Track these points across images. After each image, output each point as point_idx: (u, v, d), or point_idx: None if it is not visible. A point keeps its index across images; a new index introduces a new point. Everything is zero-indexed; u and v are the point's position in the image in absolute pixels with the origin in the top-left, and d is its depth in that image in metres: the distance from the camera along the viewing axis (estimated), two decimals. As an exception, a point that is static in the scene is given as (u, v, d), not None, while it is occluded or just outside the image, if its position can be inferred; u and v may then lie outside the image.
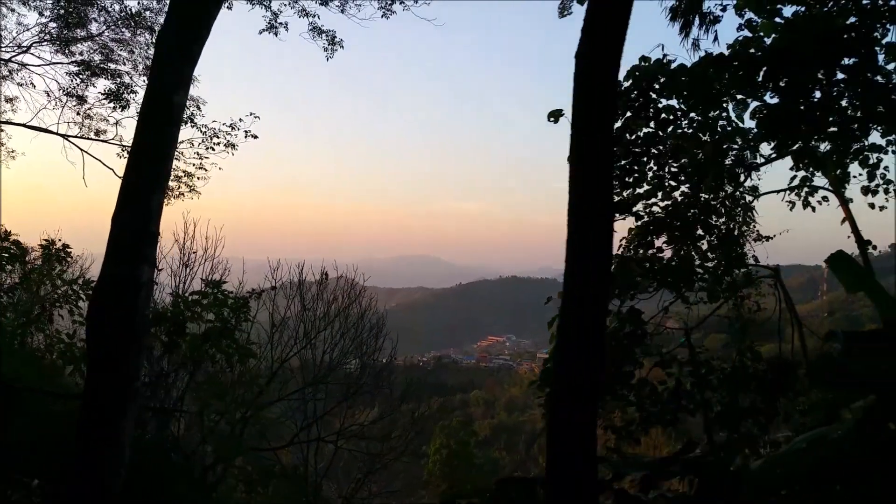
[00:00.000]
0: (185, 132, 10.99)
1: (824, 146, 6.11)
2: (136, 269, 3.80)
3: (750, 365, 8.29)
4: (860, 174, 7.39)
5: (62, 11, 10.38)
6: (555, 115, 6.27)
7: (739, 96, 5.51)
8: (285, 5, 9.38)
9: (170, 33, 4.26)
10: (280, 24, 9.42)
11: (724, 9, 8.12)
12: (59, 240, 7.55)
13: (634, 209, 7.28)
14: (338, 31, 9.82)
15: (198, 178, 10.96)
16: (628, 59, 7.55)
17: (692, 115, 7.93)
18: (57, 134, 10.92)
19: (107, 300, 3.83)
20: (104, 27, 10.27)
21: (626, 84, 7.59)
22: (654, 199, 8.39)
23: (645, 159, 8.39)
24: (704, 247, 8.86)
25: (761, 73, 4.95)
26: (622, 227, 9.04)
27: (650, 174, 8.40)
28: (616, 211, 7.37)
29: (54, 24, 10.60)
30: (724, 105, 6.17)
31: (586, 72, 2.90)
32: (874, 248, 6.76)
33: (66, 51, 10.55)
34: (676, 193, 8.59)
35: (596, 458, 2.83)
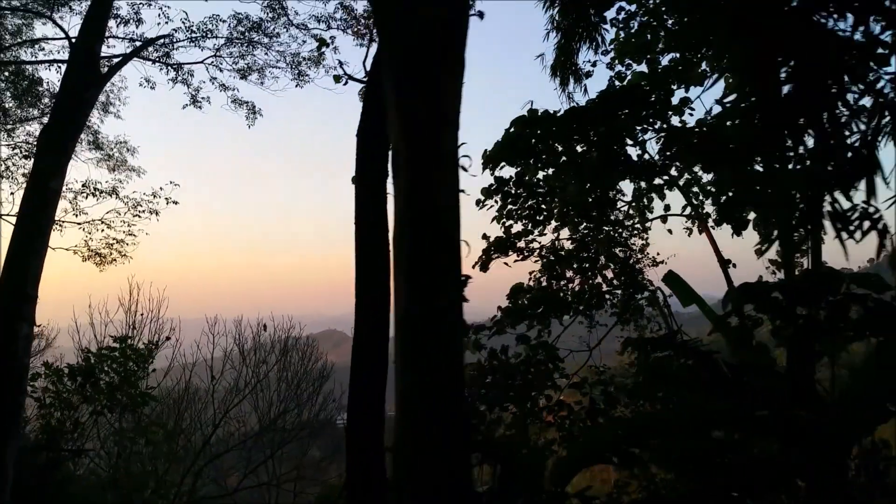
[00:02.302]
0: (111, 203, 12.10)
1: (635, 185, 6.93)
2: (15, 326, 4.47)
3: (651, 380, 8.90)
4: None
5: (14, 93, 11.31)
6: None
7: (559, 147, 6.29)
8: (204, 82, 10.31)
9: (51, 131, 5.04)
10: (202, 98, 10.33)
11: (594, 65, 9.10)
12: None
13: (518, 245, 8.01)
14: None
15: (127, 244, 12.03)
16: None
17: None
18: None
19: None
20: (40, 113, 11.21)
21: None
22: (563, 234, 9.18)
23: (549, 199, 9.18)
24: (610, 275, 9.62)
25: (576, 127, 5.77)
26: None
27: (556, 212, 9.19)
28: (500, 250, 8.10)
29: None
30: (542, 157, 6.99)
31: (364, 146, 3.66)
32: (734, 266, 7.48)
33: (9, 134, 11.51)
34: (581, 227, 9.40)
35: (383, 453, 3.43)
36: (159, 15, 9.96)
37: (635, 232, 9.84)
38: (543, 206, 9.06)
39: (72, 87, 4.91)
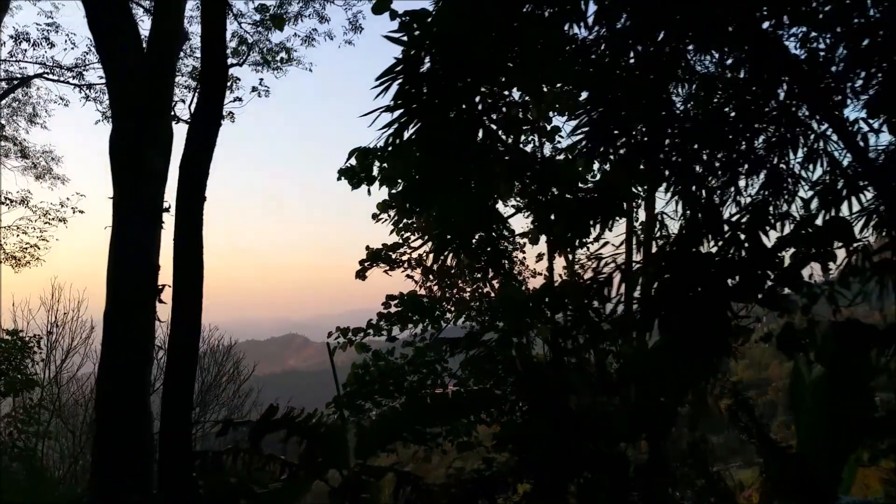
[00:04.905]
0: (22, 211, 12.91)
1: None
2: None
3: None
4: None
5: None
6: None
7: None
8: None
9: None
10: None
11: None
12: None
13: (394, 255, 8.79)
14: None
15: (40, 249, 13.11)
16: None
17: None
18: None
19: None
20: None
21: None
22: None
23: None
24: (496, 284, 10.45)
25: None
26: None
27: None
28: (375, 260, 8.88)
29: None
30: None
31: (184, 174, 4.39)
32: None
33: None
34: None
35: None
36: (66, 41, 10.87)
37: (517, 246, 10.71)
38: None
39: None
